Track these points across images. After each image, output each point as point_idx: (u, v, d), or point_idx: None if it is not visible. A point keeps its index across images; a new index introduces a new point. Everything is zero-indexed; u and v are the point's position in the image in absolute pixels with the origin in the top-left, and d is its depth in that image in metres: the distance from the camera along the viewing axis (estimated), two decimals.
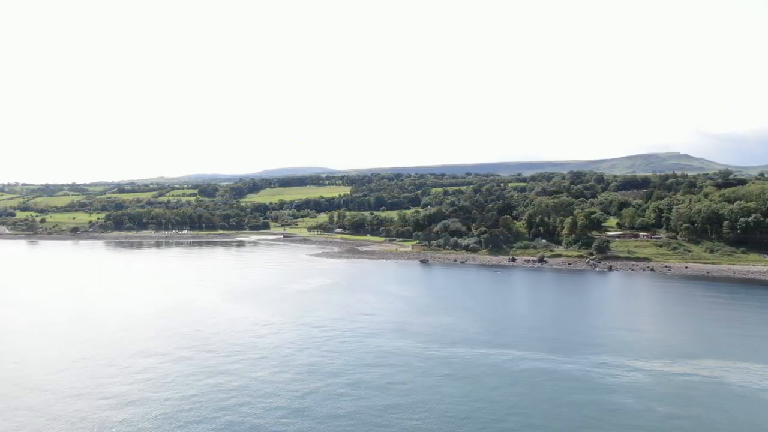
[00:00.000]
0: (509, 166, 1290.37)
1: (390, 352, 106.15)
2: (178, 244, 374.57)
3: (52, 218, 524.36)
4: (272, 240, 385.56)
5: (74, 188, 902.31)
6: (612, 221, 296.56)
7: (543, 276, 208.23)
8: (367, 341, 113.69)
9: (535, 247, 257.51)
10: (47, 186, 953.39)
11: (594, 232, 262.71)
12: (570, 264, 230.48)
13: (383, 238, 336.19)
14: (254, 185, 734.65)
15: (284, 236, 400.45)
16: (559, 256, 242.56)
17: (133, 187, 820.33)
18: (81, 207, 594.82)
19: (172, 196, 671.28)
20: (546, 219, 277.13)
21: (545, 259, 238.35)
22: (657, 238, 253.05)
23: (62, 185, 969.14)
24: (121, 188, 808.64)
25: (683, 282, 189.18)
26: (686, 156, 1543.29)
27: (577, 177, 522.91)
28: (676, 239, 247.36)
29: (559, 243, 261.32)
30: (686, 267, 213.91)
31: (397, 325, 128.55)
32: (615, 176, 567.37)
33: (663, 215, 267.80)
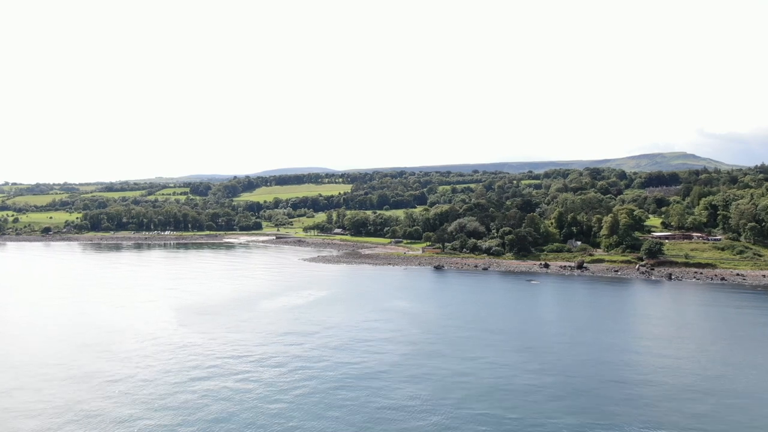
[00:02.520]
0: (512, 167, 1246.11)
1: (401, 411, 65.78)
2: (157, 246, 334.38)
3: (28, 218, 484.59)
4: (263, 241, 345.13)
5: (65, 188, 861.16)
6: (654, 220, 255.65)
7: (589, 287, 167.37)
8: (364, 395, 73.28)
9: (569, 250, 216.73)
10: (37, 185, 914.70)
11: (636, 233, 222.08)
12: (617, 271, 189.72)
13: (388, 240, 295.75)
14: (250, 183, 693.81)
15: (277, 237, 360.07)
16: (601, 261, 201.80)
17: (123, 186, 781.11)
18: (62, 206, 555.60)
19: (162, 194, 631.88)
20: (579, 217, 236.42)
21: (585, 265, 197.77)
22: (715, 239, 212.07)
23: (53, 185, 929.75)
24: (109, 187, 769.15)
25: None
26: (693, 156, 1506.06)
27: (596, 173, 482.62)
28: (740, 241, 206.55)
29: (596, 245, 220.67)
30: (764, 275, 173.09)
31: (410, 362, 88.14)
32: (635, 173, 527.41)
33: (718, 213, 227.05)
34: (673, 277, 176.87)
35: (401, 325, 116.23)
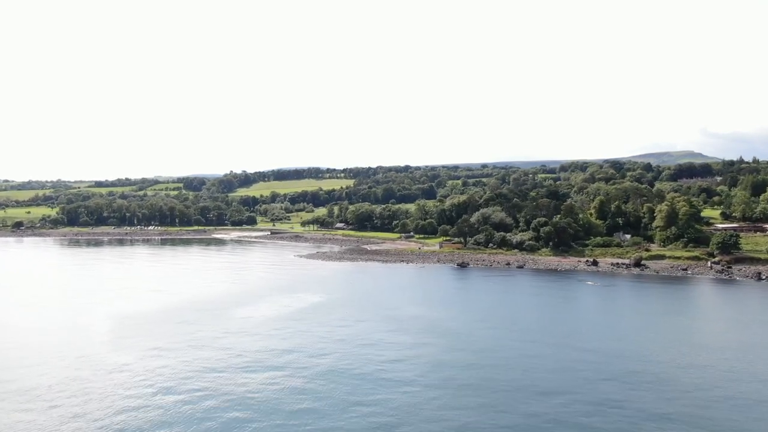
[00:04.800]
0: (518, 165, 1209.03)
1: None
2: (139, 242, 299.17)
3: (5, 213, 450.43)
4: (257, 237, 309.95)
5: (58, 185, 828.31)
6: (709, 211, 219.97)
7: (662, 290, 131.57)
8: None
9: (619, 245, 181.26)
10: (29, 182, 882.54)
11: (696, 226, 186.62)
12: (685, 269, 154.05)
13: (397, 235, 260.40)
14: (246, 178, 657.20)
15: (272, 233, 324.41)
16: (662, 257, 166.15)
17: (114, 183, 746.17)
18: (45, 201, 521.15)
19: (153, 190, 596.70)
20: (624, 207, 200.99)
21: (643, 262, 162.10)
22: None
23: (45, 182, 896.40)
24: (100, 183, 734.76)
25: None
26: (700, 155, 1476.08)
27: (618, 165, 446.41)
28: None
29: (648, 239, 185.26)
30: None
31: (447, 402, 52.66)
32: (659, 165, 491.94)
33: None
34: (764, 276, 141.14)
35: (427, 351, 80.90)
